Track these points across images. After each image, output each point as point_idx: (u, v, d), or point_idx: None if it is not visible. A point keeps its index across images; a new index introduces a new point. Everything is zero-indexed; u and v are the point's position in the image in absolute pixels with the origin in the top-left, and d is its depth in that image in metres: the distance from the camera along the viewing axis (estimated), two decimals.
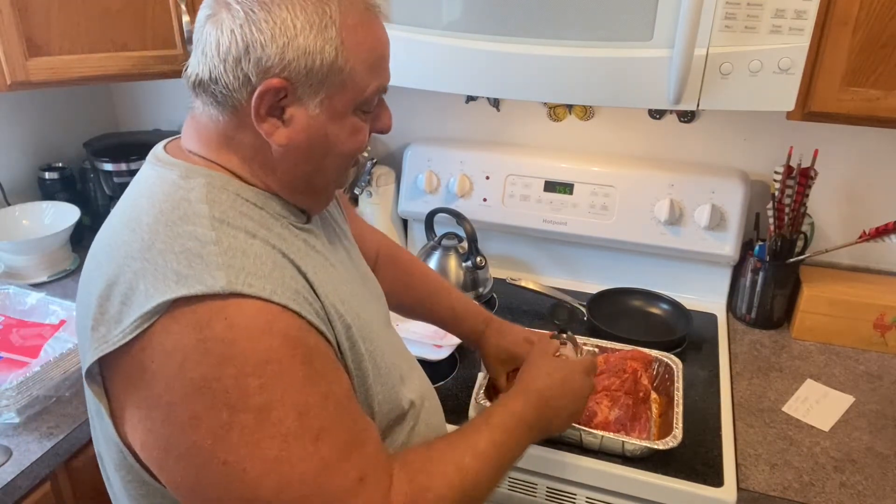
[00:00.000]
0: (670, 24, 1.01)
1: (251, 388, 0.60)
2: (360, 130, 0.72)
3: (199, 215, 0.66)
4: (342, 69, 0.67)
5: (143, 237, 0.65)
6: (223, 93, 0.67)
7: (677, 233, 1.45)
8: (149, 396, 0.62)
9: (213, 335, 0.60)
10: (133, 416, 0.64)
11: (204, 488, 0.62)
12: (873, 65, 1.03)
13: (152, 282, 0.62)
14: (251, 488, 0.61)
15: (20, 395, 1.09)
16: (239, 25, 0.64)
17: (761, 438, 1.11)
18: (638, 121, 1.51)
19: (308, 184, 0.74)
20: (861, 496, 0.99)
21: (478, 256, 1.47)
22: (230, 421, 0.60)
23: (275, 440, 0.60)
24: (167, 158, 0.73)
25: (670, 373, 1.17)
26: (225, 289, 0.61)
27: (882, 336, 1.33)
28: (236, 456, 0.60)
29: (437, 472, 0.71)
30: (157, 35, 1.33)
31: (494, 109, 1.60)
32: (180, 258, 0.63)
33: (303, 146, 0.69)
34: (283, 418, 0.61)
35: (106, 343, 0.63)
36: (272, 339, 0.62)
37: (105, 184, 1.56)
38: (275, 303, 0.63)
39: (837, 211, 1.45)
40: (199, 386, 0.60)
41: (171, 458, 0.63)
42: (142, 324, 0.61)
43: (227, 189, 0.69)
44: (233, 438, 0.60)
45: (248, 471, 0.60)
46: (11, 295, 1.37)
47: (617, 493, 1.05)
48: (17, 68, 1.22)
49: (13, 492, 1.00)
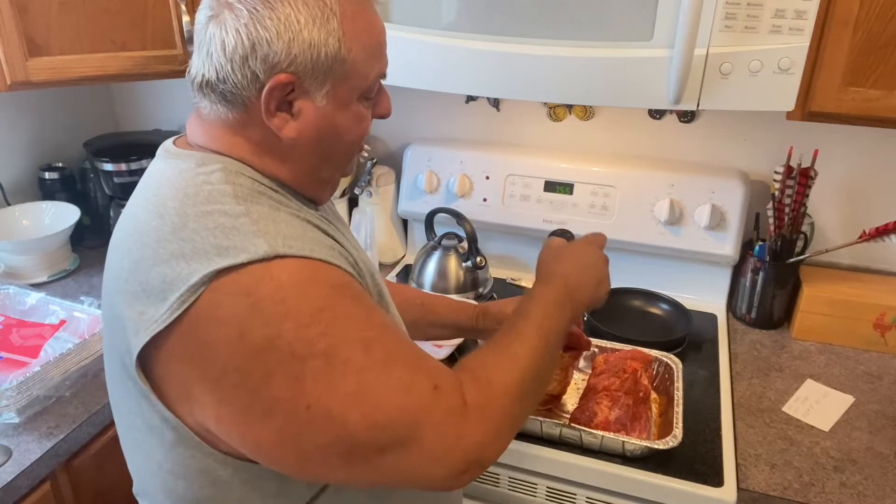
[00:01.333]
0: (670, 24, 1.01)
1: (313, 336, 0.62)
2: (364, 118, 0.75)
3: (223, 194, 0.68)
4: (345, 59, 0.68)
5: (173, 220, 0.66)
6: (232, 91, 0.68)
7: (677, 233, 1.45)
8: (213, 369, 0.63)
9: (264, 296, 0.62)
10: (200, 392, 0.65)
11: (295, 438, 0.64)
12: (873, 65, 1.03)
13: (192, 257, 0.63)
14: (340, 424, 0.63)
15: (20, 395, 1.09)
16: (244, 24, 0.65)
17: (761, 438, 1.11)
18: (638, 121, 1.51)
19: (317, 173, 0.76)
20: (861, 496, 0.99)
21: (478, 256, 1.47)
22: (302, 370, 0.62)
23: (349, 376, 0.63)
24: (179, 151, 0.74)
25: (670, 373, 1.17)
26: (269, 253, 0.63)
27: (882, 336, 1.33)
28: (318, 398, 0.62)
29: (494, 366, 0.74)
30: (157, 35, 1.33)
31: (494, 109, 1.60)
32: (216, 233, 0.64)
33: (312, 137, 0.71)
34: (351, 356, 0.64)
35: (155, 322, 0.64)
36: (320, 287, 0.65)
37: (105, 184, 1.56)
38: (315, 258, 0.66)
39: (837, 211, 1.45)
40: (263, 347, 0.61)
41: (252, 419, 0.64)
42: (188, 298, 0.62)
43: (242, 174, 0.71)
44: (309, 384, 0.62)
45: (333, 408, 0.63)
46: (11, 295, 1.37)
47: (617, 493, 1.05)
48: (17, 68, 1.22)
49: (13, 492, 1.00)
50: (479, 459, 0.68)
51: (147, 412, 0.69)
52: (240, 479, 0.71)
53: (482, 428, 0.68)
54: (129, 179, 1.53)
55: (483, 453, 0.68)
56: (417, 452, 0.65)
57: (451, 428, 0.66)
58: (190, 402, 0.66)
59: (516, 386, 0.73)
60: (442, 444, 0.65)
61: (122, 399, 0.73)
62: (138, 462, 0.76)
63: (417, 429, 0.64)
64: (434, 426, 0.65)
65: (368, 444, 0.64)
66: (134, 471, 0.79)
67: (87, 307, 1.31)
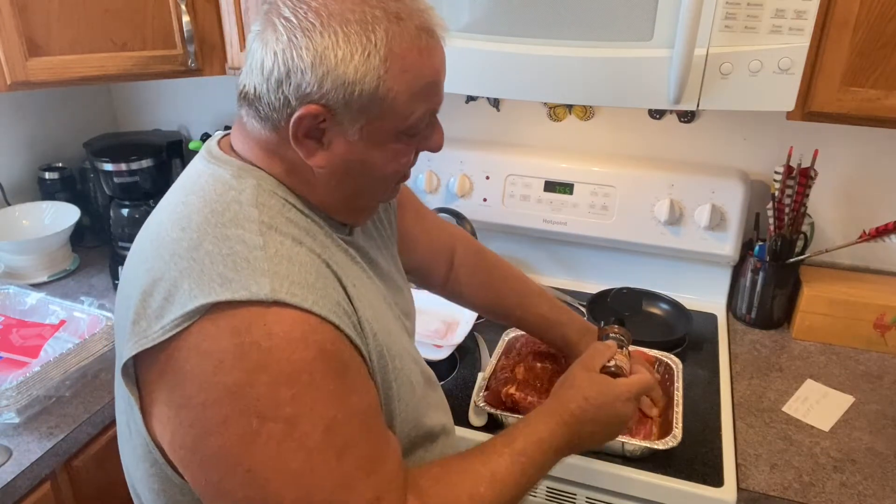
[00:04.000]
0: (670, 24, 1.01)
1: (282, 398, 0.60)
2: (402, 154, 0.72)
3: (248, 219, 0.66)
4: (383, 98, 0.66)
5: (191, 236, 0.65)
6: (265, 111, 0.67)
7: (677, 233, 1.45)
8: (181, 396, 0.62)
9: (251, 341, 0.60)
10: (163, 414, 0.65)
11: (225, 493, 0.63)
12: (873, 65, 1.03)
13: (197, 282, 0.62)
14: (271, 499, 0.61)
15: (20, 395, 1.09)
16: (282, 49, 0.64)
17: (761, 438, 1.11)
18: (638, 121, 1.51)
19: (348, 202, 0.75)
20: (861, 496, 0.99)
21: None
22: (259, 429, 0.60)
23: (300, 452, 0.61)
24: (221, 155, 0.73)
25: (670, 373, 1.17)
26: (269, 296, 0.61)
27: (882, 336, 1.33)
28: (261, 465, 0.60)
29: (449, 498, 0.70)
30: (157, 35, 1.33)
31: (494, 109, 1.60)
32: (227, 261, 0.63)
33: (341, 169, 0.70)
34: (310, 431, 0.61)
35: (145, 338, 0.63)
36: (308, 350, 0.62)
37: (105, 184, 1.56)
38: (314, 314, 0.63)
39: (837, 211, 1.45)
40: (231, 391, 0.60)
41: (196, 459, 0.63)
42: (182, 322, 0.61)
43: (276, 193, 0.69)
44: (259, 447, 0.60)
45: (271, 480, 0.61)
46: (11, 295, 1.37)
47: (617, 493, 1.05)
48: (17, 68, 1.22)
49: (13, 492, 1.00)
50: None
51: (132, 418, 0.69)
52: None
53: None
54: (129, 179, 1.53)
55: None
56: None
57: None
58: (156, 419, 0.66)
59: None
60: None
61: (121, 396, 0.73)
62: (126, 459, 0.76)
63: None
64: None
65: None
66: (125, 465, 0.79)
67: (87, 307, 1.31)
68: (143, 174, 1.53)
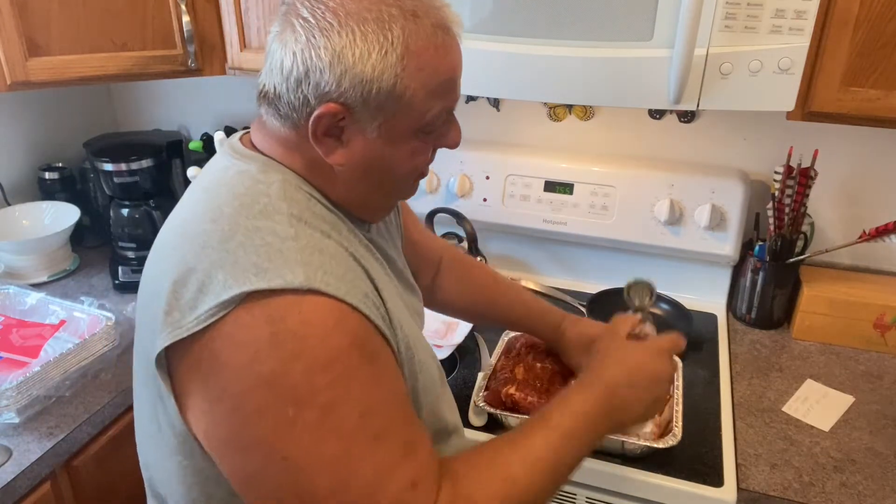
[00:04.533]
0: (670, 24, 1.01)
1: (318, 385, 0.61)
2: (420, 152, 0.73)
3: (278, 211, 0.67)
4: (401, 96, 0.66)
5: (223, 228, 0.66)
6: (285, 110, 0.68)
7: (677, 233, 1.45)
8: (216, 386, 0.63)
9: (286, 329, 0.61)
10: (197, 405, 0.65)
11: (261, 482, 0.63)
12: (873, 65, 1.03)
13: (231, 272, 0.63)
14: (307, 485, 0.61)
15: (20, 395, 1.09)
16: (300, 49, 0.65)
17: (761, 438, 1.11)
18: (638, 121, 1.51)
19: (367, 200, 0.75)
20: (861, 496, 0.99)
21: (478, 256, 1.47)
22: (295, 417, 0.60)
23: (336, 439, 0.61)
24: (245, 151, 0.74)
25: None
26: (303, 284, 0.62)
27: (882, 336, 1.33)
28: (297, 452, 0.61)
29: (482, 481, 0.69)
30: (157, 35, 1.33)
31: (494, 109, 1.60)
32: (260, 251, 0.63)
33: (360, 167, 0.70)
34: (346, 417, 0.62)
35: (180, 328, 0.63)
36: (343, 337, 0.62)
37: (105, 184, 1.56)
38: (347, 303, 0.63)
39: (837, 211, 1.45)
40: (267, 380, 0.60)
41: (232, 448, 0.64)
42: (217, 312, 0.62)
43: (301, 188, 0.70)
44: (295, 434, 0.61)
45: (307, 468, 0.61)
46: (11, 295, 1.37)
47: (617, 493, 1.05)
48: (17, 68, 1.22)
49: (13, 492, 1.00)
50: None
51: (161, 411, 0.69)
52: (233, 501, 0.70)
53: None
54: (129, 179, 1.53)
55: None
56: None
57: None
58: (190, 411, 0.66)
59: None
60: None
61: (146, 391, 0.73)
62: (149, 456, 0.76)
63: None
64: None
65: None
66: (144, 464, 0.79)
67: (87, 307, 1.31)
68: (143, 174, 1.53)
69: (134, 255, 1.56)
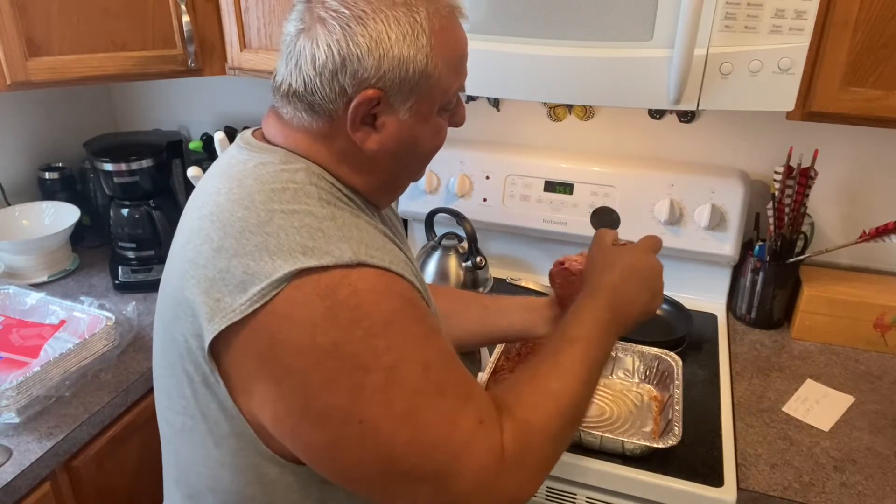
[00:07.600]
0: (670, 24, 1.01)
1: (379, 348, 0.63)
2: (442, 129, 0.77)
3: (308, 196, 0.69)
4: (431, 74, 0.70)
5: (259, 214, 0.67)
6: (319, 103, 0.70)
7: (677, 233, 1.45)
8: (278, 366, 0.64)
9: (340, 301, 0.63)
10: (261, 387, 0.66)
11: (341, 450, 0.65)
12: (873, 65, 1.03)
13: (277, 253, 0.64)
14: (386, 444, 0.64)
15: (20, 395, 1.09)
16: (336, 40, 0.67)
17: (761, 438, 1.11)
18: (638, 121, 1.51)
19: (392, 183, 0.79)
20: (861, 496, 0.99)
21: (478, 256, 1.47)
22: (362, 381, 0.63)
23: (404, 396, 0.64)
24: (262, 145, 0.75)
25: (670, 371, 1.17)
26: (352, 259, 0.65)
27: (882, 336, 1.33)
28: (371, 413, 0.63)
29: (532, 405, 0.73)
30: (157, 35, 1.33)
31: (494, 109, 1.60)
32: (302, 232, 0.66)
33: (392, 150, 0.73)
34: (410, 374, 0.65)
35: (233, 312, 0.64)
36: (392, 300, 0.66)
37: (105, 184, 1.56)
38: (392, 271, 0.67)
39: (837, 211, 1.45)
40: (329, 351, 0.63)
41: (306, 423, 0.65)
42: (269, 292, 0.63)
43: (323, 177, 0.72)
44: (366, 398, 0.63)
45: (382, 427, 0.64)
46: (11, 295, 1.37)
47: (617, 493, 1.05)
48: (17, 68, 1.22)
49: (13, 492, 1.00)
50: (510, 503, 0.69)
51: (204, 399, 0.70)
52: (285, 480, 0.72)
53: (519, 475, 0.69)
54: (129, 179, 1.53)
55: (515, 499, 0.69)
56: (453, 492, 0.66)
57: (489, 473, 0.66)
58: (249, 395, 0.67)
59: (555, 427, 0.72)
60: (478, 488, 0.66)
61: (175, 384, 0.73)
62: (184, 452, 0.76)
63: (458, 463, 0.65)
64: (474, 466, 0.66)
65: (410, 471, 0.65)
66: (175, 464, 0.79)
67: (87, 307, 1.31)
68: (143, 174, 1.53)
69: (134, 255, 1.56)
